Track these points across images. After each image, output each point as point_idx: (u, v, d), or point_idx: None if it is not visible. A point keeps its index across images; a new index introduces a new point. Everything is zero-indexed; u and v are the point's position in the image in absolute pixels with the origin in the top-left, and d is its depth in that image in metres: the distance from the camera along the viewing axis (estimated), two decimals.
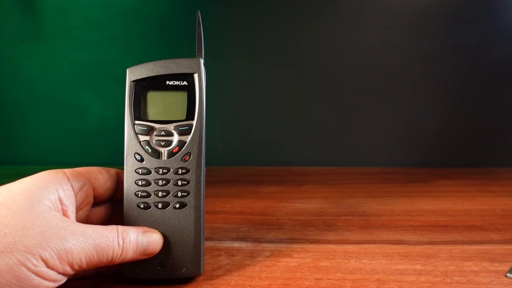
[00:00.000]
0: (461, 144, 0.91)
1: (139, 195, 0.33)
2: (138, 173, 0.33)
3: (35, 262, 0.25)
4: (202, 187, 0.34)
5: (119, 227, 0.30)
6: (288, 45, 0.92)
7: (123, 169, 0.34)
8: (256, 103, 0.94)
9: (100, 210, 0.36)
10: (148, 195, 0.33)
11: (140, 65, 0.34)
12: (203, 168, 0.34)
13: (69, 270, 0.27)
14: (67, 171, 0.32)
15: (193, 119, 0.34)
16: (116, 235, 0.29)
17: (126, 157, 0.34)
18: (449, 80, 0.90)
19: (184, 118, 0.34)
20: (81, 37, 0.95)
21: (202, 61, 0.35)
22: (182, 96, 0.34)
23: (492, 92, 0.90)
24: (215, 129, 0.92)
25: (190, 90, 0.34)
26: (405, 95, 0.91)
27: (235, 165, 0.93)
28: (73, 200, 0.31)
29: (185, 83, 0.34)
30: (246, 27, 0.93)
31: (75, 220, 0.31)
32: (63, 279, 0.27)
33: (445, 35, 0.89)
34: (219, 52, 0.91)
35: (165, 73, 0.34)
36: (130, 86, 0.34)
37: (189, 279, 0.34)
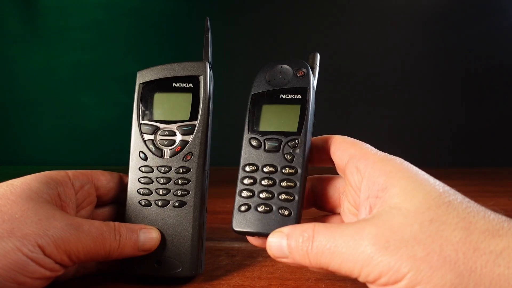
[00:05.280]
0: (461, 144, 0.91)
1: (141, 192, 0.34)
2: (141, 171, 0.34)
3: (31, 248, 0.25)
4: (203, 187, 0.34)
5: (117, 223, 0.31)
6: (289, 45, 0.92)
7: (124, 170, 0.35)
8: None
9: (104, 211, 0.36)
10: (150, 193, 0.34)
11: (149, 69, 0.36)
12: (206, 169, 0.34)
13: (66, 260, 0.27)
14: (69, 171, 0.33)
15: (196, 120, 0.35)
16: (113, 229, 0.30)
17: (132, 155, 0.35)
18: (449, 81, 0.90)
19: (187, 118, 0.35)
20: (81, 37, 0.95)
21: (208, 64, 0.36)
22: (187, 97, 0.35)
23: (492, 92, 0.90)
24: (215, 129, 0.92)
25: (195, 91, 0.35)
26: (405, 95, 0.91)
27: (235, 165, 0.93)
28: (73, 198, 0.31)
29: (190, 85, 0.35)
30: (246, 26, 0.93)
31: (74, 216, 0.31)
32: (60, 270, 0.28)
33: (444, 36, 0.89)
34: (219, 53, 0.91)
35: (172, 75, 0.36)
36: (138, 88, 0.36)
37: (189, 279, 0.34)
